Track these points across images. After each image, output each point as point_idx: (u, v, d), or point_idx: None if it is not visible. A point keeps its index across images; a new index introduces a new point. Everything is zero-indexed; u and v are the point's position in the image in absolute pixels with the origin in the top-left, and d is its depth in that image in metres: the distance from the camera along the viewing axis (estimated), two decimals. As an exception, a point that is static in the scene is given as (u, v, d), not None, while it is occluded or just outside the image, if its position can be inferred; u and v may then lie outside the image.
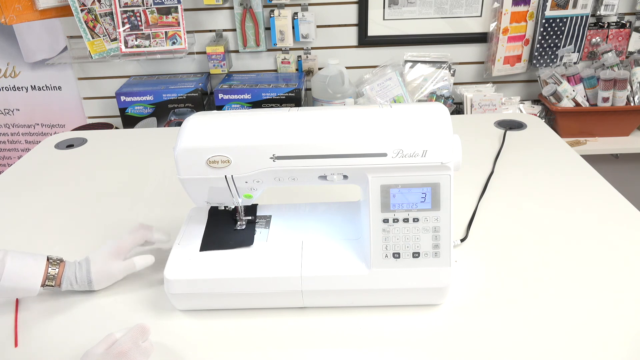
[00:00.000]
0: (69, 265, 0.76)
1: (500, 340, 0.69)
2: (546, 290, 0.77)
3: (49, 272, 0.73)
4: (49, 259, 0.75)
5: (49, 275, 0.73)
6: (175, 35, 1.78)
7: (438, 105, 0.70)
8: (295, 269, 0.72)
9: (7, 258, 0.70)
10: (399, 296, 0.73)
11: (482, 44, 1.98)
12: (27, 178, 1.19)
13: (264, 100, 1.83)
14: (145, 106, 1.87)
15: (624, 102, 1.81)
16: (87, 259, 0.78)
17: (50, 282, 0.74)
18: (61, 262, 0.76)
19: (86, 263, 0.77)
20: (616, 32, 1.92)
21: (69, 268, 0.76)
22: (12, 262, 0.71)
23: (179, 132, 0.70)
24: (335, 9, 1.92)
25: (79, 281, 0.76)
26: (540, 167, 1.13)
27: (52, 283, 0.74)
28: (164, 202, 1.06)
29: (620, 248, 0.85)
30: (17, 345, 0.71)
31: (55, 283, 0.74)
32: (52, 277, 0.74)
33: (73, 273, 0.76)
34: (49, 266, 0.74)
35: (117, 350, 0.62)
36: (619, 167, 2.02)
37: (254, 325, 0.73)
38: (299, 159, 0.68)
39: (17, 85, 2.11)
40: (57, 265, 0.75)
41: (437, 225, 0.69)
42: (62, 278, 0.75)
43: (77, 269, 0.76)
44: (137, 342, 0.64)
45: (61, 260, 0.76)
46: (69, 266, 0.76)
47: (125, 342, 0.63)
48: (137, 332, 0.65)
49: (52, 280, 0.74)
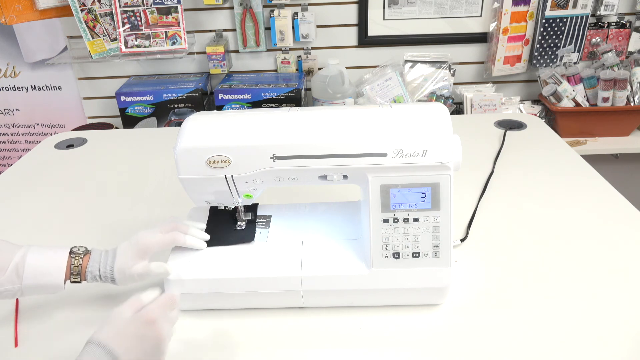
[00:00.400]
0: (94, 256, 0.71)
1: (500, 340, 0.69)
2: (546, 290, 0.77)
3: (72, 266, 0.69)
4: (72, 252, 0.70)
5: (73, 270, 0.69)
6: (175, 35, 1.78)
7: (438, 105, 0.70)
8: (295, 269, 0.72)
9: (27, 255, 0.67)
10: (399, 296, 0.73)
11: (482, 44, 1.98)
12: (27, 178, 1.19)
13: (264, 100, 1.83)
14: (145, 106, 1.87)
15: (624, 102, 1.81)
16: (114, 253, 0.72)
17: (75, 279, 0.69)
18: (86, 254, 0.71)
19: (112, 257, 0.72)
20: (616, 32, 1.92)
21: (94, 262, 0.71)
22: (32, 258, 0.67)
23: (179, 132, 0.70)
24: (335, 9, 1.92)
25: (102, 277, 0.71)
26: (540, 167, 1.13)
27: (77, 279, 0.69)
28: (164, 202, 1.06)
29: (620, 248, 0.85)
30: (17, 345, 0.71)
31: (80, 279, 0.70)
32: (76, 273, 0.69)
33: (97, 268, 0.71)
34: (71, 259, 0.69)
35: (146, 317, 0.61)
36: (619, 167, 2.02)
37: (254, 325, 0.73)
38: (299, 159, 0.68)
39: (17, 85, 2.11)
40: (80, 258, 0.70)
41: (437, 225, 0.69)
42: (86, 273, 0.70)
43: (101, 264, 0.71)
44: (165, 311, 0.63)
45: (86, 251, 0.71)
46: (94, 259, 0.71)
47: (154, 310, 0.62)
48: (167, 301, 0.64)
49: (77, 276, 0.69)
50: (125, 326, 0.60)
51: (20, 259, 0.66)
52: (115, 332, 0.59)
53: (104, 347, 0.58)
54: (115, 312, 0.61)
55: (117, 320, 0.60)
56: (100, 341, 0.58)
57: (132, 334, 0.60)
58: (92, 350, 0.58)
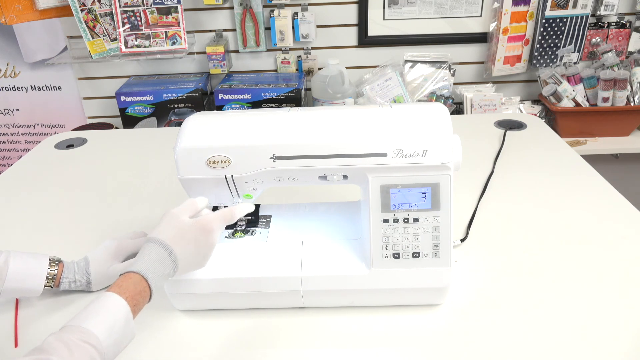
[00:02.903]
0: (68, 265, 0.76)
1: (500, 340, 0.69)
2: (546, 290, 0.77)
3: (48, 273, 0.74)
4: (49, 259, 0.75)
5: (49, 276, 0.74)
6: (175, 35, 1.78)
7: (438, 105, 0.70)
8: (295, 269, 0.72)
9: (10, 259, 0.71)
10: (399, 296, 0.73)
11: (482, 44, 1.98)
12: (27, 178, 1.19)
13: (264, 100, 1.83)
14: (145, 106, 1.87)
15: (624, 102, 1.81)
16: (86, 260, 0.78)
17: (49, 283, 0.74)
18: (60, 263, 0.76)
19: (85, 264, 0.77)
20: (616, 32, 1.92)
21: (68, 269, 0.76)
22: (15, 263, 0.71)
23: (179, 132, 0.70)
24: (335, 9, 1.92)
25: (77, 282, 0.76)
26: (540, 167, 1.13)
27: (50, 284, 0.74)
28: (164, 202, 1.06)
29: (620, 248, 0.85)
30: (17, 345, 0.71)
31: (54, 284, 0.74)
32: (51, 278, 0.74)
33: (72, 274, 0.76)
34: (48, 267, 0.74)
35: (207, 226, 0.64)
36: (619, 167, 2.02)
37: (254, 325, 0.73)
38: (299, 159, 0.68)
39: (17, 85, 2.10)
40: (56, 266, 0.75)
41: (437, 225, 0.69)
42: (60, 279, 0.75)
43: (76, 270, 0.76)
44: (223, 224, 0.66)
45: (59, 260, 0.76)
46: (68, 267, 0.76)
47: (214, 221, 0.65)
48: (227, 216, 0.67)
49: (51, 281, 0.74)
50: (186, 231, 0.64)
51: (3, 264, 0.70)
52: (175, 234, 0.63)
53: (166, 247, 0.62)
54: (173, 215, 0.65)
55: (177, 223, 0.64)
56: (163, 241, 0.62)
57: (191, 239, 0.64)
58: (156, 249, 0.62)
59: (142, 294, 0.59)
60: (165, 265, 0.62)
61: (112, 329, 0.53)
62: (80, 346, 0.50)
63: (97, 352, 0.51)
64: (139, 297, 0.58)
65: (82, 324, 0.52)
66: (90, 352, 0.50)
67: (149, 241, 0.63)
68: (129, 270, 0.60)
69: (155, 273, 0.60)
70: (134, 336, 0.57)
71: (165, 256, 0.62)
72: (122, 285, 0.58)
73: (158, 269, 0.61)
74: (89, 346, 0.51)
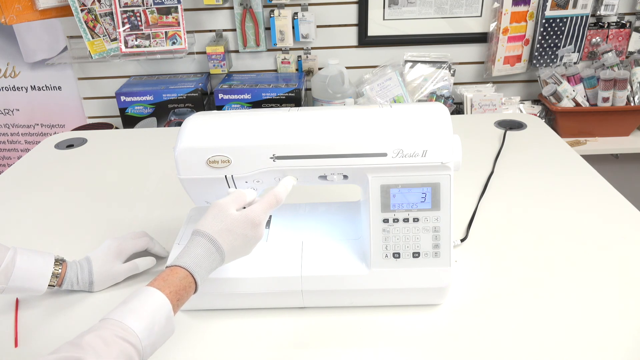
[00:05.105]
0: (70, 265, 0.76)
1: (500, 340, 0.69)
2: (546, 290, 0.77)
3: (53, 272, 0.73)
4: (55, 258, 0.74)
5: (53, 275, 0.73)
6: (175, 35, 1.78)
7: (438, 105, 0.70)
8: (295, 269, 0.72)
9: (17, 257, 0.70)
10: (399, 296, 0.73)
11: (482, 44, 1.98)
12: (27, 178, 1.19)
13: (264, 100, 1.83)
14: (145, 106, 1.87)
15: (624, 102, 1.81)
16: (89, 259, 0.77)
17: (52, 282, 0.73)
18: (64, 262, 0.76)
19: (87, 264, 0.77)
20: (616, 32, 1.92)
21: (71, 268, 0.76)
22: (22, 261, 0.70)
23: (179, 132, 0.70)
24: (335, 9, 1.92)
25: (80, 282, 0.76)
26: (540, 167, 1.13)
27: (54, 283, 0.73)
28: (164, 202, 1.06)
29: (620, 248, 0.85)
30: (17, 345, 0.71)
31: (57, 283, 0.74)
32: (55, 277, 0.73)
33: (75, 274, 0.76)
34: (54, 266, 0.73)
35: (254, 220, 0.63)
36: (619, 167, 2.02)
37: (254, 325, 0.73)
38: (299, 159, 0.68)
39: (17, 85, 2.10)
40: (60, 265, 0.74)
41: (437, 225, 0.69)
42: (64, 278, 0.75)
43: (79, 270, 0.76)
44: (268, 215, 0.65)
45: (63, 260, 0.76)
46: (70, 266, 0.76)
47: (260, 213, 0.64)
48: (272, 203, 0.66)
49: (55, 280, 0.73)
50: (234, 225, 0.62)
51: (10, 261, 0.69)
52: (223, 228, 0.62)
53: (214, 242, 0.61)
54: (221, 207, 0.64)
55: (224, 216, 0.63)
56: (210, 235, 0.61)
57: (239, 234, 0.63)
58: (203, 243, 0.60)
59: (187, 290, 0.58)
60: (212, 260, 0.60)
61: (152, 327, 0.52)
62: (119, 343, 0.49)
63: (136, 350, 0.50)
64: (183, 293, 0.57)
65: (124, 319, 0.51)
66: (129, 350, 0.49)
67: (195, 234, 0.61)
68: (175, 264, 0.58)
69: (202, 267, 0.59)
70: (172, 333, 0.56)
71: (212, 251, 0.60)
72: (167, 280, 0.57)
73: (205, 264, 0.59)
74: (128, 344, 0.50)
